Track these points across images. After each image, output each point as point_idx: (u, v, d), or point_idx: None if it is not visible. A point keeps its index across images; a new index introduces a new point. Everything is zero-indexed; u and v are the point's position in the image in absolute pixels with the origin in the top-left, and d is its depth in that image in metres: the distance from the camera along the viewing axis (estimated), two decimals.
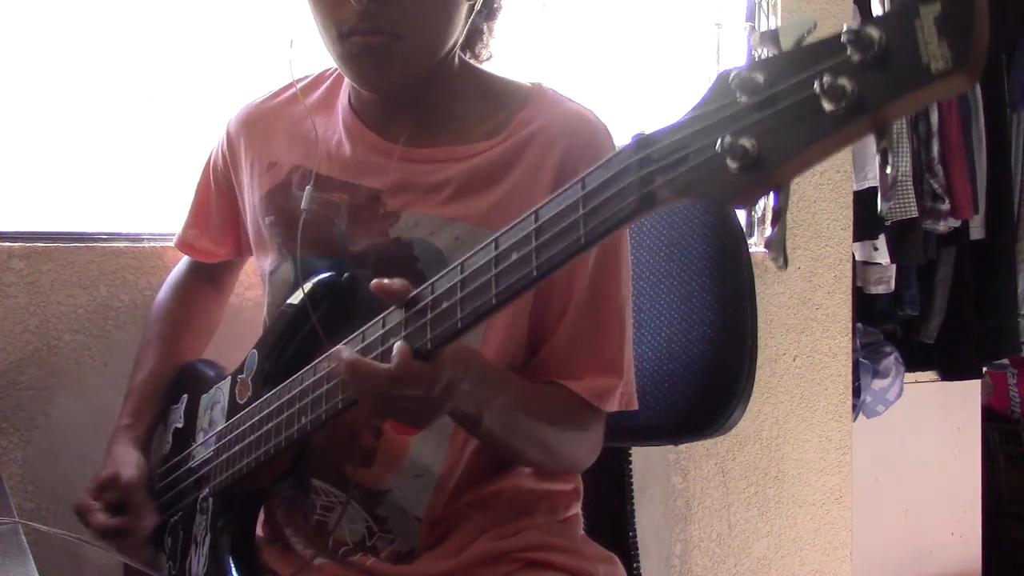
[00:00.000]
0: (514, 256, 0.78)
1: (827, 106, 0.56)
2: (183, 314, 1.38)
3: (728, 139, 0.60)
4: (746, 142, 0.59)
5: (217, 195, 1.30)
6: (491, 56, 1.21)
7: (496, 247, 0.80)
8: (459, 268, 0.83)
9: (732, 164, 0.60)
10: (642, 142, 0.68)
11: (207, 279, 1.40)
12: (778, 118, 0.59)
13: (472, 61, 1.18)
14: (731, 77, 0.61)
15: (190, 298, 1.40)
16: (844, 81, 0.55)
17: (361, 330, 0.93)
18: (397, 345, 0.86)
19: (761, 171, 0.59)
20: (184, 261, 1.43)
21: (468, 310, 0.81)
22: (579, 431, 1.10)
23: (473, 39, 1.18)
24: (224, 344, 1.40)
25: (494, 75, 1.17)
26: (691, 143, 0.64)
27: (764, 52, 0.60)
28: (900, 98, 0.55)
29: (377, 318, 0.91)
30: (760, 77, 0.60)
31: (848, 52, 0.55)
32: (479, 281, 0.80)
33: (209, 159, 1.32)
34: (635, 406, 1.12)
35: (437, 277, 0.85)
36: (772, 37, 0.60)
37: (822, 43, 0.58)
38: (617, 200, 0.69)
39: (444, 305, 0.83)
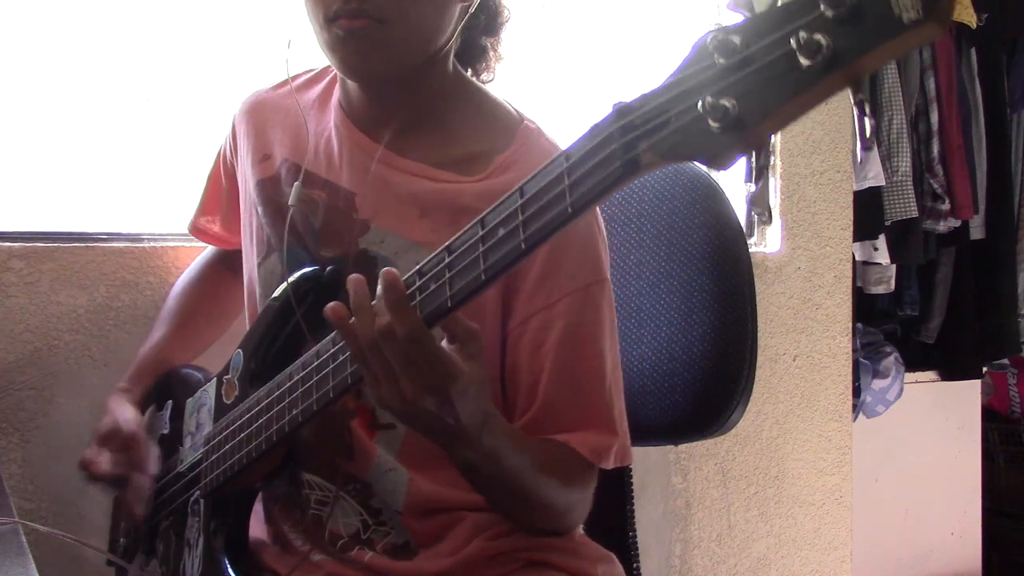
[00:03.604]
0: (501, 232, 0.78)
1: (804, 61, 0.57)
2: (199, 294, 1.40)
3: (709, 100, 0.61)
4: (726, 102, 0.60)
5: (228, 185, 1.32)
6: (493, 78, 1.20)
7: (483, 226, 0.80)
8: (446, 250, 0.83)
9: (713, 124, 0.61)
10: (623, 110, 0.68)
11: (228, 266, 1.41)
12: (756, 76, 0.60)
13: (472, 78, 1.18)
14: (708, 41, 0.62)
15: (208, 280, 1.42)
16: (819, 36, 0.56)
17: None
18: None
19: (742, 129, 0.60)
20: (205, 251, 1.45)
21: (458, 287, 0.81)
22: (573, 490, 1.06)
23: (473, 55, 1.17)
24: (215, 347, 1.40)
25: (488, 95, 1.16)
26: (672, 107, 0.65)
27: (740, 15, 0.61)
28: (874, 49, 0.56)
29: None
30: (737, 39, 0.61)
31: (821, 8, 0.57)
32: (467, 259, 0.80)
33: (220, 149, 1.33)
34: (630, 460, 1.10)
35: (425, 261, 0.85)
36: (746, 1, 0.61)
37: (795, 2, 0.59)
38: (601, 168, 0.69)
39: (432, 287, 0.83)
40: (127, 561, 1.24)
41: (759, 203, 0.57)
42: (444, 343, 0.87)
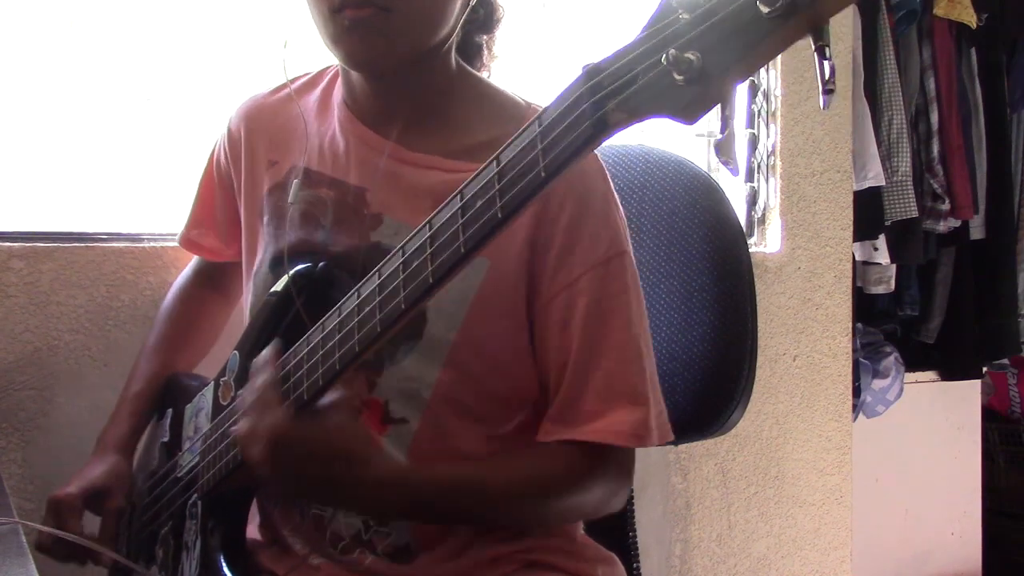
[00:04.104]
0: (479, 203, 0.78)
1: (763, 9, 0.58)
2: (187, 318, 1.38)
3: (673, 54, 0.62)
4: (690, 55, 0.61)
5: (221, 193, 1.30)
6: (488, 75, 1.20)
7: (461, 198, 0.80)
8: (427, 226, 0.83)
9: (678, 78, 0.62)
10: (592, 71, 0.69)
11: (211, 285, 1.40)
12: (719, 28, 0.61)
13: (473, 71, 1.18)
14: None
15: (195, 303, 1.40)
16: None
17: (338, 304, 0.93)
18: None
19: (707, 80, 0.61)
20: (189, 267, 1.43)
21: (438, 262, 0.81)
22: (571, 495, 1.06)
23: (469, 53, 1.17)
24: (214, 351, 1.40)
25: (492, 86, 1.16)
26: (638, 64, 0.65)
27: None
28: None
29: (352, 289, 0.91)
30: None
31: None
32: (447, 233, 0.80)
33: (212, 156, 1.32)
34: (671, 436, 1.08)
35: (407, 239, 0.85)
36: None
37: None
38: (571, 130, 0.70)
39: (415, 263, 0.83)
40: (129, 569, 1.24)
41: (724, 151, 0.58)
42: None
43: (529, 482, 1.05)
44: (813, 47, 0.60)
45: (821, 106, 0.61)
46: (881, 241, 2.65)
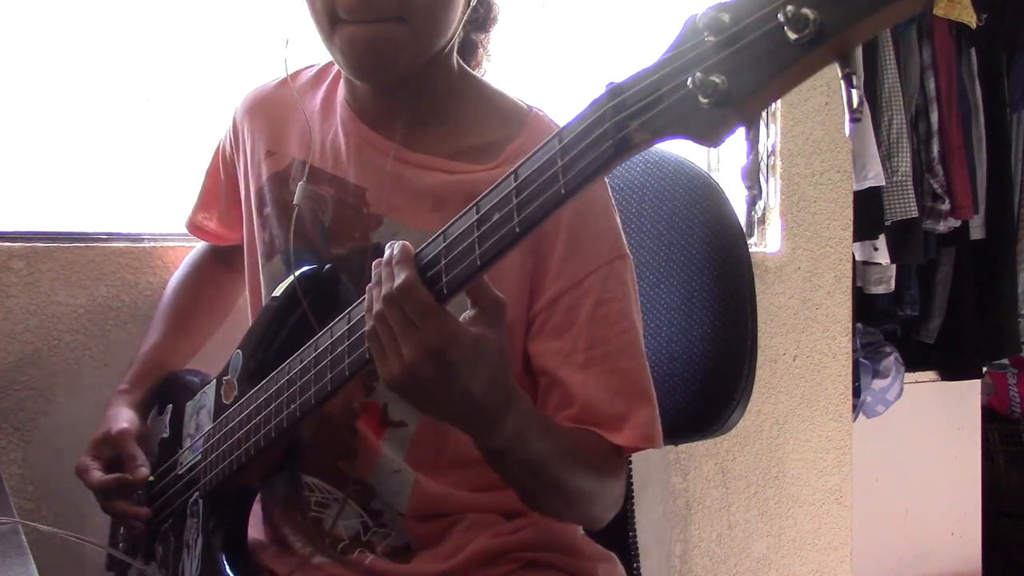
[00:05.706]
0: (495, 216, 0.77)
1: (791, 35, 0.58)
2: (197, 289, 1.40)
3: (698, 76, 0.62)
4: (716, 78, 0.61)
5: (226, 181, 1.31)
6: (485, 72, 1.20)
7: (478, 211, 0.80)
8: (442, 236, 0.83)
9: (703, 100, 0.62)
10: (615, 90, 0.69)
11: (222, 260, 1.42)
12: (745, 52, 0.60)
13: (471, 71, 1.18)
14: (698, 19, 0.63)
15: (204, 275, 1.42)
16: (806, 10, 0.57)
17: (347, 311, 0.93)
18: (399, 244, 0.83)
19: (732, 104, 0.61)
20: (196, 248, 1.45)
21: (452, 274, 0.81)
22: (603, 478, 1.02)
23: (465, 52, 1.17)
24: (215, 350, 1.40)
25: (493, 88, 1.16)
26: (663, 84, 0.65)
27: None
28: (861, 21, 0.56)
29: (361, 297, 0.91)
30: (726, 16, 0.61)
31: None
32: (462, 246, 0.80)
33: (219, 145, 1.33)
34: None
35: (420, 248, 0.84)
36: None
37: None
38: (594, 148, 0.70)
39: (428, 274, 0.83)
40: (128, 565, 1.24)
41: (750, 177, 0.58)
42: (465, 314, 0.85)
43: (580, 449, 1.00)
44: (840, 75, 0.59)
45: (847, 133, 0.61)
46: (881, 241, 2.66)
